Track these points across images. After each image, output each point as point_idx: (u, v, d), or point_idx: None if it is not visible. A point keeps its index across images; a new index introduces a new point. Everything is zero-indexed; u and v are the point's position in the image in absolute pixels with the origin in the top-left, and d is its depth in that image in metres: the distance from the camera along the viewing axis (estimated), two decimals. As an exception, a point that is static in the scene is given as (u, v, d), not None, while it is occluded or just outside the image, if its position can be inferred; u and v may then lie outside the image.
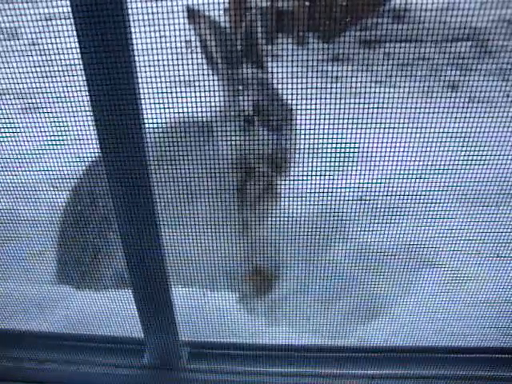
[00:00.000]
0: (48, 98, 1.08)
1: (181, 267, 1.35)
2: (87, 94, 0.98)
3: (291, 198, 1.18)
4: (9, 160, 1.26)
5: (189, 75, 0.98)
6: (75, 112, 1.08)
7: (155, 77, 0.97)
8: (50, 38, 0.96)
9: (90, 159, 1.21)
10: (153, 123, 1.07)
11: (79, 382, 1.46)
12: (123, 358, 1.46)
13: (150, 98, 1.00)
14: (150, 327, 1.37)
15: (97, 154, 1.09)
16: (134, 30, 0.90)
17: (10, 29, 1.00)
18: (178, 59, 0.94)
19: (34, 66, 1.03)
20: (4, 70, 1.05)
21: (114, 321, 1.45)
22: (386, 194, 1.19)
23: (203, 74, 0.99)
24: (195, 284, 1.43)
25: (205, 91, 1.02)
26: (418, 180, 1.17)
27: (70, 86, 1.03)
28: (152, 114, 1.04)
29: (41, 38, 0.96)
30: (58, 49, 0.97)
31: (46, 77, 1.03)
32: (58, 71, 1.01)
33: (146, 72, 0.97)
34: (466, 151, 1.08)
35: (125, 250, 1.23)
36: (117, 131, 1.02)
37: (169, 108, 1.01)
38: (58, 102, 1.09)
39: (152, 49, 0.92)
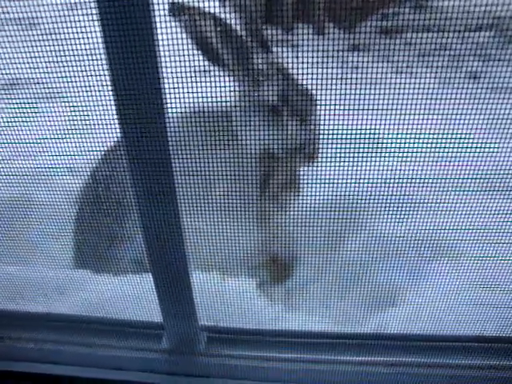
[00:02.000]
0: (70, 85, 1.09)
1: (201, 253, 1.37)
2: (110, 81, 0.99)
3: (311, 187, 1.19)
4: (31, 146, 1.28)
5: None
6: (98, 99, 1.10)
7: (178, 66, 0.98)
8: (71, 27, 0.98)
9: (111, 145, 1.22)
10: (176, 110, 1.07)
11: (97, 364, 1.49)
12: (142, 342, 1.49)
13: (172, 86, 1.01)
14: (169, 311, 1.39)
15: (118, 140, 1.11)
16: (158, 18, 0.91)
17: (28, 18, 1.01)
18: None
19: (57, 56, 1.04)
20: (29, 59, 1.07)
21: (133, 305, 1.47)
22: (404, 182, 1.19)
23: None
24: (215, 269, 1.45)
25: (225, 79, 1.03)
26: (437, 170, 1.17)
27: (92, 75, 1.04)
28: (175, 100, 1.05)
29: (62, 28, 0.98)
30: (80, 38, 0.98)
31: (68, 66, 1.04)
32: (81, 60, 1.02)
33: (169, 59, 0.97)
34: (487, 142, 1.07)
35: (145, 234, 1.25)
36: (139, 116, 1.03)
37: (191, 95, 1.02)
38: (81, 91, 1.10)
39: (176, 38, 0.93)
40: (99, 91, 1.08)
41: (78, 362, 1.50)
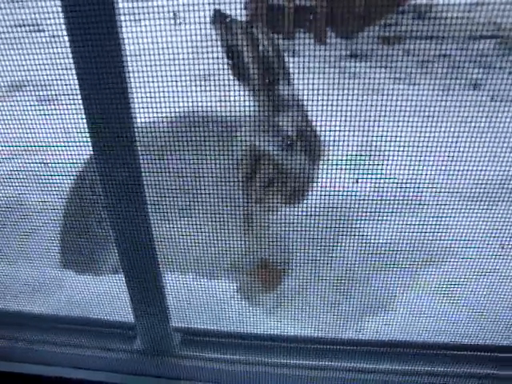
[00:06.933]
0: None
1: (173, 254, 1.35)
2: (79, 89, 0.97)
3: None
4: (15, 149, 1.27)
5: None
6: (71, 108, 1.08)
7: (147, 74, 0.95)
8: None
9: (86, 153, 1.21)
10: (148, 119, 1.06)
11: (69, 364, 1.48)
12: (114, 342, 1.48)
13: (143, 95, 0.99)
14: (141, 312, 1.38)
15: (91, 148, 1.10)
16: (125, 26, 0.88)
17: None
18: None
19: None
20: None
21: (105, 305, 1.46)
22: (398, 191, 1.18)
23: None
24: (188, 271, 1.43)
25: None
26: (433, 178, 1.15)
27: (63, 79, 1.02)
28: (147, 110, 1.03)
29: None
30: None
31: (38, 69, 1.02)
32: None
33: (137, 68, 0.95)
34: (486, 150, 1.06)
35: (116, 234, 1.24)
36: (109, 127, 1.01)
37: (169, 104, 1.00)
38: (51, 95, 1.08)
39: (145, 48, 0.90)
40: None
41: (49, 362, 1.48)
